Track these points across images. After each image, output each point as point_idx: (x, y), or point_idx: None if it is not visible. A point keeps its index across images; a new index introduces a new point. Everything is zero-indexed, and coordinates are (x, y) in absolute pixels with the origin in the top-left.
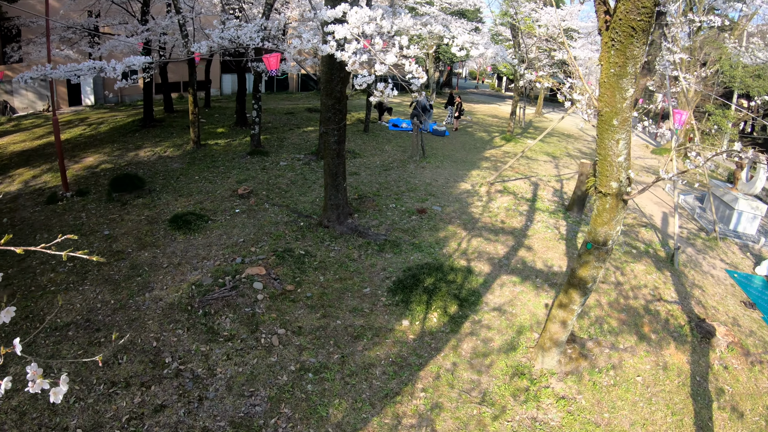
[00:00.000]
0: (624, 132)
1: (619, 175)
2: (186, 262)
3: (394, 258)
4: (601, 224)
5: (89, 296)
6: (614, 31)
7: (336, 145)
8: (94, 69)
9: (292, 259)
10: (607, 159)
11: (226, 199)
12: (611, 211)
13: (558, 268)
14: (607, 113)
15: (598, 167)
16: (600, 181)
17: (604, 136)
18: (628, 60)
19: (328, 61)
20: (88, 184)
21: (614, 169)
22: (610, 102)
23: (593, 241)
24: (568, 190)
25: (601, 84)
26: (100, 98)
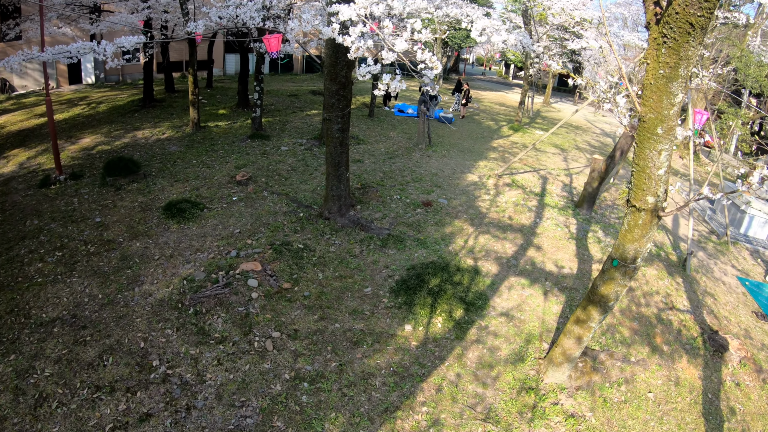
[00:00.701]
0: (668, 142)
1: (657, 190)
2: (178, 254)
3: (398, 254)
4: (631, 241)
5: (77, 289)
6: (667, 26)
7: (339, 134)
8: (84, 50)
9: (289, 254)
10: (646, 171)
11: (223, 186)
12: (643, 228)
13: (568, 271)
14: (651, 120)
15: (633, 179)
16: (634, 195)
17: (644, 146)
18: (681, 61)
19: (333, 44)
20: (82, 167)
21: (653, 182)
22: (656, 107)
23: (620, 258)
24: (578, 185)
25: (646, 86)
26: (101, 76)
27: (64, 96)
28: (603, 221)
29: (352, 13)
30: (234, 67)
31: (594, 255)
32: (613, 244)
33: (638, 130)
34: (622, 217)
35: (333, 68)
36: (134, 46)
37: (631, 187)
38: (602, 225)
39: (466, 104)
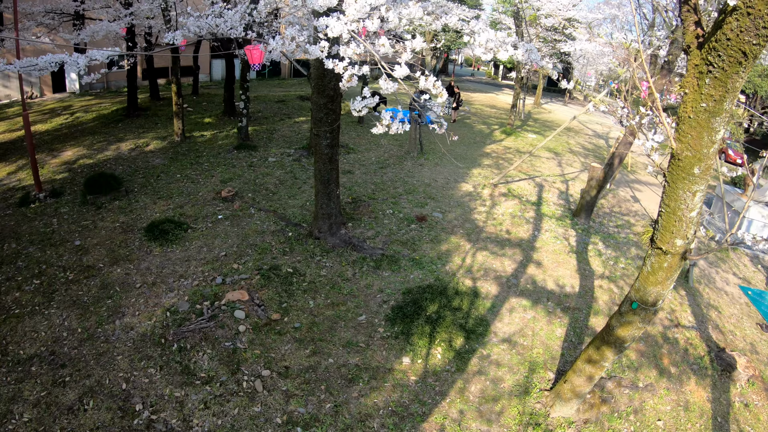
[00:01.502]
0: (704, 182)
1: (687, 233)
2: (161, 281)
3: (392, 277)
4: (653, 284)
5: (55, 322)
6: (714, 53)
7: (328, 149)
8: (54, 63)
9: (278, 280)
10: (677, 213)
11: (208, 203)
12: (668, 271)
13: (570, 289)
14: (688, 158)
15: (661, 220)
16: (661, 237)
17: (677, 186)
18: (727, 93)
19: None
20: (63, 183)
21: (683, 225)
22: (695, 145)
23: (641, 300)
24: (574, 192)
25: (683, 119)
26: (84, 85)
27: (47, 105)
28: (602, 231)
29: (342, 29)
30: (221, 73)
31: (595, 270)
32: (633, 287)
33: (671, 168)
34: (647, 259)
35: (320, 81)
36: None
37: (657, 227)
38: (601, 236)
39: (456, 108)
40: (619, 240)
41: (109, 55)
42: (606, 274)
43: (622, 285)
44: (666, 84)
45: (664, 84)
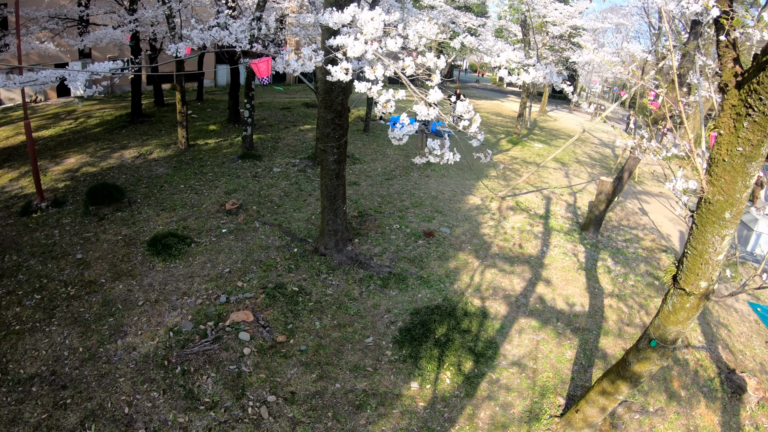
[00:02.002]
0: (734, 226)
1: (713, 275)
2: (164, 298)
3: (400, 296)
4: (674, 323)
5: (56, 340)
6: (755, 95)
7: (335, 165)
8: (54, 78)
9: (284, 299)
10: (704, 256)
11: (212, 216)
12: (690, 311)
13: (580, 308)
14: (719, 203)
15: (686, 261)
16: (685, 278)
17: (706, 230)
18: (766, 138)
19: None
20: (65, 192)
21: (709, 268)
22: (728, 189)
23: (660, 339)
24: (582, 204)
25: (716, 161)
26: (89, 88)
27: (51, 110)
28: (610, 246)
29: (361, 48)
30: (226, 78)
31: (605, 287)
32: (652, 324)
33: (700, 211)
34: (668, 297)
35: (328, 95)
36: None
37: (681, 268)
38: (610, 251)
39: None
40: (628, 256)
41: (111, 68)
42: (615, 292)
43: (631, 304)
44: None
45: (674, 98)
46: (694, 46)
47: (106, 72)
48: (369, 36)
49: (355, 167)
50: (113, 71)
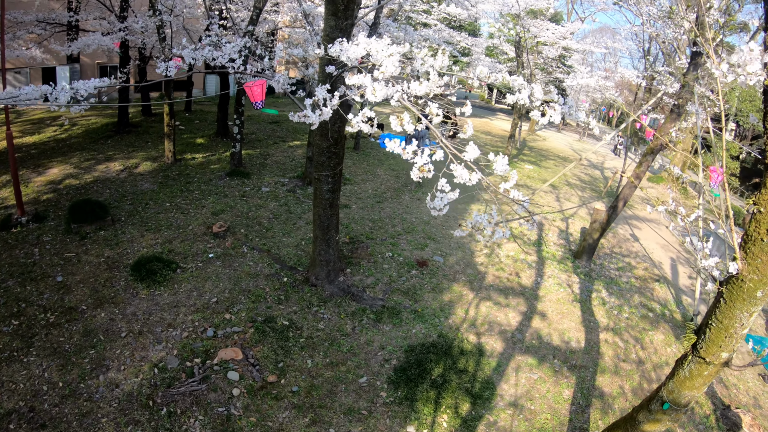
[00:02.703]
0: (764, 303)
1: (735, 346)
2: (148, 330)
3: (394, 331)
4: (690, 388)
5: (35, 372)
6: None
7: (330, 194)
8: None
9: (274, 334)
10: (729, 330)
11: (198, 238)
12: (708, 378)
13: (576, 344)
14: (753, 282)
15: (709, 332)
16: (707, 348)
17: (735, 306)
18: None
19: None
20: (47, 206)
21: (733, 341)
22: (764, 269)
23: (673, 402)
24: (574, 230)
25: (753, 240)
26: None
27: (37, 114)
28: (603, 274)
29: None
30: (215, 88)
31: (600, 321)
32: (666, 386)
33: (731, 287)
34: (685, 363)
35: (324, 122)
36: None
37: (702, 337)
38: (604, 281)
39: (453, 136)
40: (622, 286)
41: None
42: (611, 325)
43: (627, 338)
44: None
45: (671, 127)
46: (695, 78)
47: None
48: (388, 74)
49: (345, 188)
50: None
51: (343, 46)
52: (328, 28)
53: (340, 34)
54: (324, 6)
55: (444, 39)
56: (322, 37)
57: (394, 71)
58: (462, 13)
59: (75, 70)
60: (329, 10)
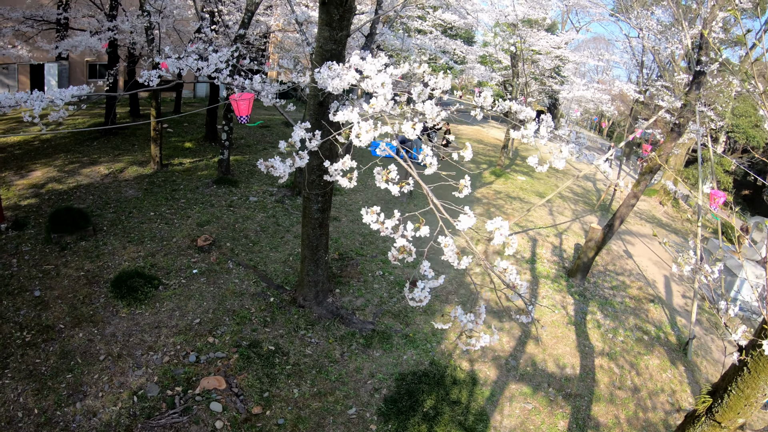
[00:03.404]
0: None
1: (753, 413)
2: (128, 353)
3: (384, 357)
4: None
5: (9, 397)
6: None
7: (319, 214)
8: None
9: (259, 361)
10: (750, 399)
11: (182, 252)
12: None
13: (571, 370)
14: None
15: (728, 399)
16: (723, 414)
17: (760, 377)
18: None
19: (317, 110)
20: (28, 212)
21: (752, 409)
22: None
23: None
24: (567, 246)
25: None
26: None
27: (25, 111)
28: (598, 294)
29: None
30: (205, 90)
31: (595, 345)
32: None
33: (756, 358)
34: (697, 424)
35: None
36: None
37: (719, 403)
38: (599, 302)
39: (446, 146)
40: (617, 308)
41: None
42: (606, 350)
43: (622, 363)
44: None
45: (672, 147)
46: (697, 97)
47: (67, 98)
48: (379, 108)
49: (335, 199)
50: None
51: (331, 72)
52: (321, 39)
53: (334, 45)
54: (318, 15)
55: (440, 47)
56: (315, 49)
57: (385, 106)
58: (457, 21)
59: (63, 67)
60: (323, 19)
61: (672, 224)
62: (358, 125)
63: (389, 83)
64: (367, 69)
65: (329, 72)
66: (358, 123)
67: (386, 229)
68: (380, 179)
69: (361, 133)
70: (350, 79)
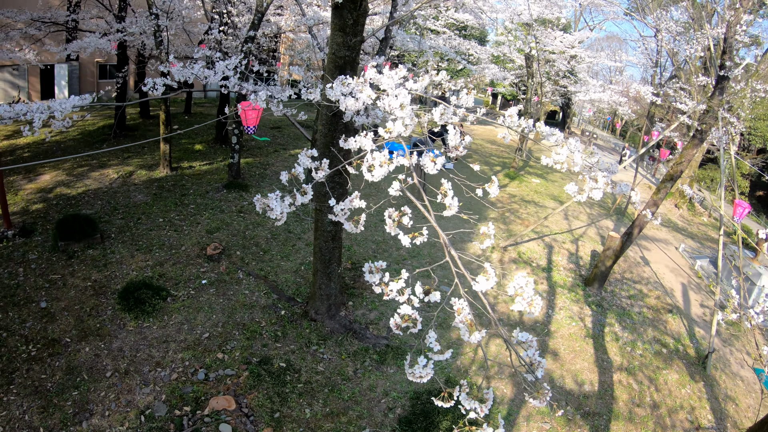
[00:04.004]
0: None
1: None
2: (135, 369)
3: (398, 375)
4: None
5: (14, 414)
6: None
7: (332, 226)
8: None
9: (270, 379)
10: None
11: (191, 261)
12: None
13: (589, 387)
14: None
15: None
16: None
17: None
18: None
19: (330, 120)
20: (35, 218)
21: None
22: None
23: None
24: (584, 253)
25: None
26: (74, 93)
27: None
28: (615, 304)
29: (383, 172)
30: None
31: (614, 359)
32: None
33: None
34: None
35: (328, 150)
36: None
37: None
38: (617, 313)
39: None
40: (635, 319)
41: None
42: (624, 364)
43: (641, 378)
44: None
45: (694, 153)
46: (720, 103)
47: (67, 110)
48: (396, 134)
49: None
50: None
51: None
52: (334, 45)
53: (348, 52)
54: (330, 20)
55: (454, 47)
56: (327, 56)
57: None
58: (470, 19)
59: (74, 68)
60: (336, 24)
61: (688, 228)
62: (371, 155)
63: (408, 104)
64: (384, 83)
65: (342, 87)
66: (372, 153)
67: (391, 292)
68: (391, 225)
69: (374, 166)
70: (366, 99)
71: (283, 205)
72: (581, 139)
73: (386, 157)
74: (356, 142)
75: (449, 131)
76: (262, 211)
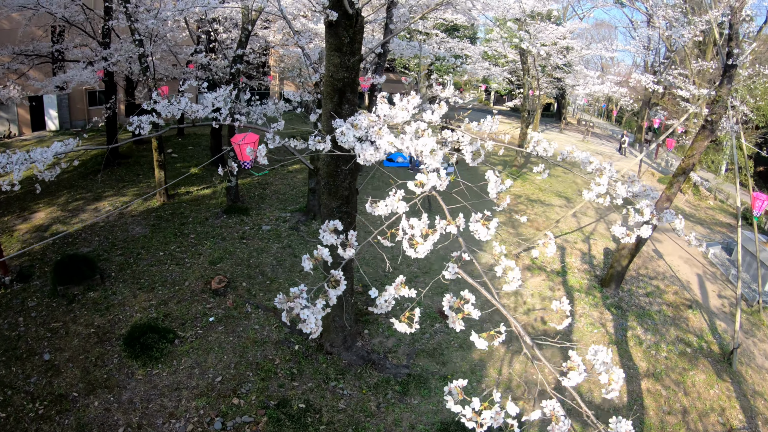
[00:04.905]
0: None
1: None
2: (148, 423)
3: (423, 405)
4: None
5: None
6: None
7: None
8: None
9: (290, 423)
10: None
11: (197, 297)
12: None
13: (618, 399)
14: None
15: None
16: None
17: None
18: None
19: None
20: (33, 261)
21: None
22: None
23: None
24: (596, 252)
25: None
26: (65, 122)
27: (26, 145)
28: (634, 304)
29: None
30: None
31: (639, 365)
32: None
33: None
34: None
35: (332, 179)
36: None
37: None
38: (637, 314)
39: (458, 150)
40: (656, 319)
41: (57, 152)
42: (650, 370)
43: (668, 383)
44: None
45: (705, 145)
46: (728, 92)
47: (49, 159)
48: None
49: None
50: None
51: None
52: (331, 67)
53: (346, 73)
54: (325, 39)
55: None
56: (324, 78)
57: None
58: (459, 18)
59: (63, 97)
60: (331, 44)
61: (696, 214)
62: (409, 225)
63: (438, 148)
64: (399, 117)
65: (354, 131)
66: (411, 225)
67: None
68: (454, 318)
69: (416, 239)
70: (387, 147)
71: (315, 311)
72: (578, 129)
73: (425, 223)
74: (386, 207)
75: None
76: (290, 322)
